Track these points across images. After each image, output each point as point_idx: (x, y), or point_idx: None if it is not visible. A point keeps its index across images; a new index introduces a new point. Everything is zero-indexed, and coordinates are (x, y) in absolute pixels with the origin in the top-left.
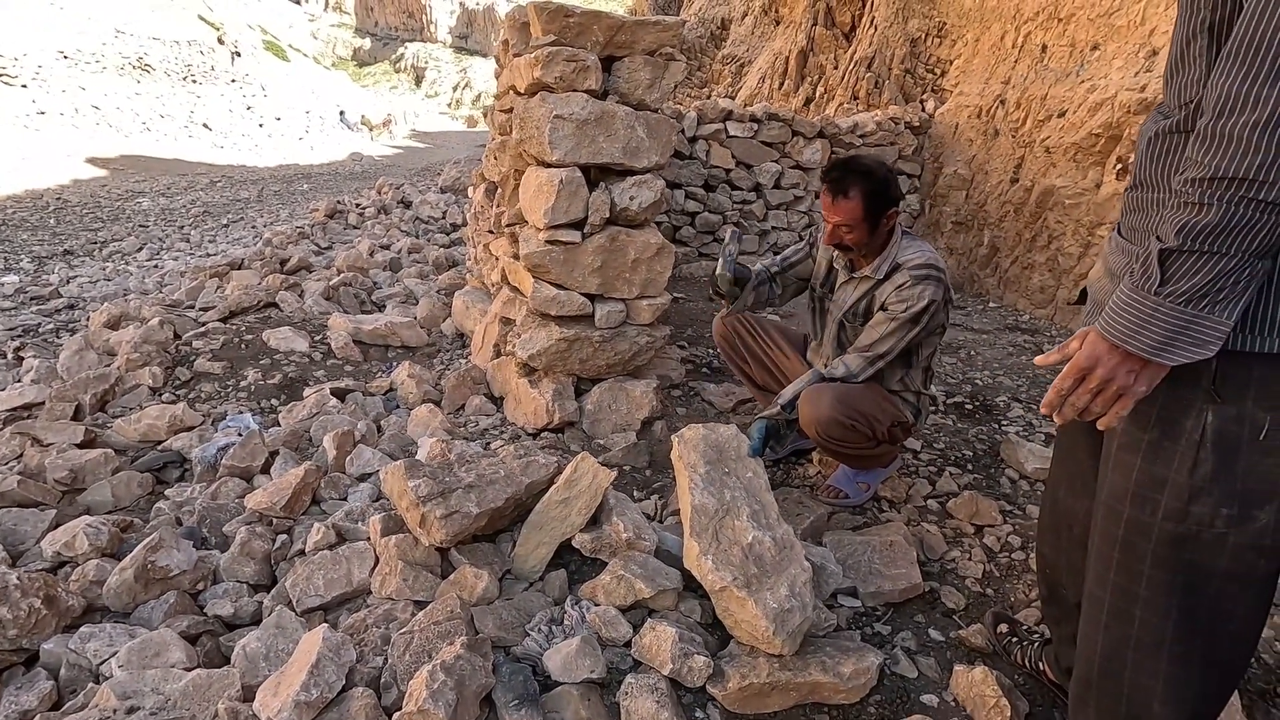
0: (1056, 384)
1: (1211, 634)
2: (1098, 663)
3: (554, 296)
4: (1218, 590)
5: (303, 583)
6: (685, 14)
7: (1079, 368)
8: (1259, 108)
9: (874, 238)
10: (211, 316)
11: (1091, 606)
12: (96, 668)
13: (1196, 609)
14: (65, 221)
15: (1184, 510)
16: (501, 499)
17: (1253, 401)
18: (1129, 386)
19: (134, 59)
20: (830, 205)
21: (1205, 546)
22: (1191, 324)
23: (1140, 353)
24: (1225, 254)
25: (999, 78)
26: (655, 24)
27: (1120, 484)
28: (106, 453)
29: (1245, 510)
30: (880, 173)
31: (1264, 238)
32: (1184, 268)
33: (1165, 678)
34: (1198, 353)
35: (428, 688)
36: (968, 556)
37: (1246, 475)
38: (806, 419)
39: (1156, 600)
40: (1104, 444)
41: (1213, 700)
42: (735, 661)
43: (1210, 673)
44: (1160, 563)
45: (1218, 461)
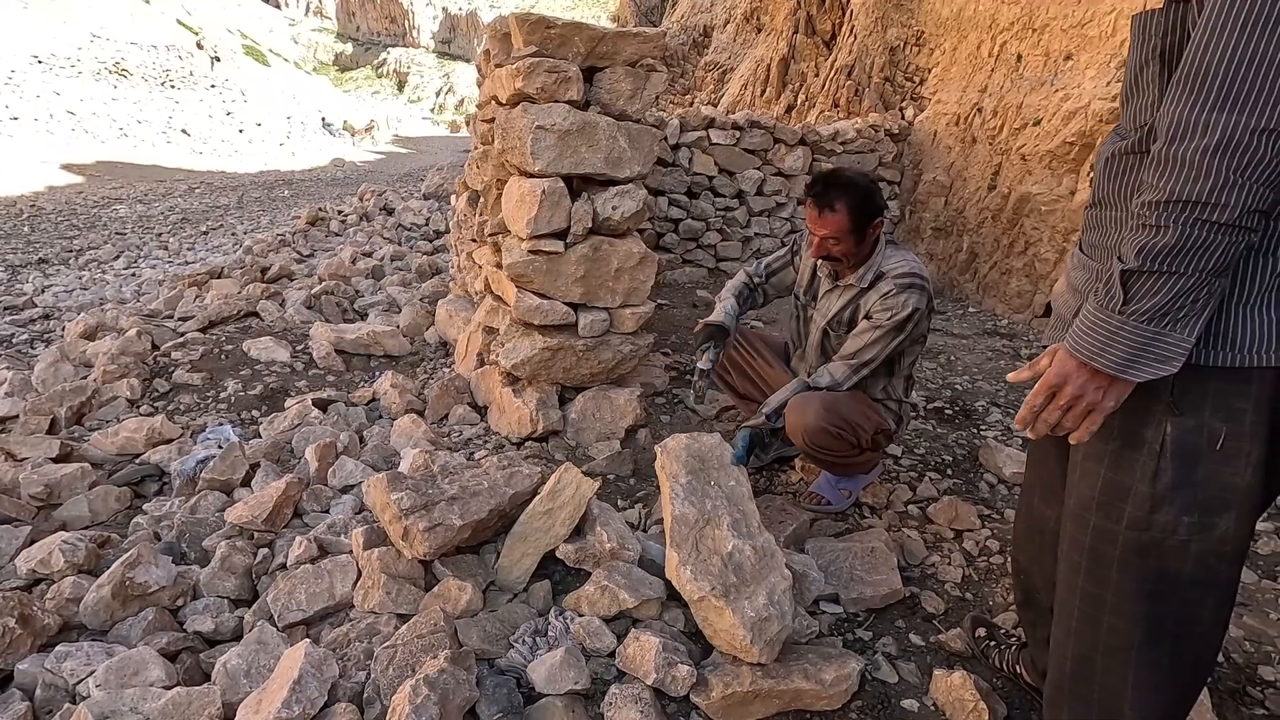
0: (1029, 401)
1: (1178, 638)
2: (1069, 667)
3: (537, 306)
4: (1183, 596)
5: (284, 597)
6: (668, 21)
7: (1049, 385)
8: (1208, 133)
9: (860, 248)
10: (191, 326)
11: (1062, 612)
12: (73, 687)
13: (1163, 614)
14: (40, 229)
15: (1147, 519)
16: (485, 510)
17: (1209, 413)
18: (1098, 403)
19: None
20: (816, 219)
21: (1169, 553)
22: (1155, 341)
23: (1107, 370)
24: (1183, 274)
25: (976, 86)
26: (636, 35)
27: (1087, 493)
28: (83, 466)
29: (1206, 518)
30: (864, 185)
31: (1219, 257)
32: (1145, 287)
33: (1134, 682)
34: (1162, 369)
35: (410, 703)
36: (947, 561)
37: (1206, 484)
38: (794, 427)
39: (1124, 606)
40: (1070, 454)
41: (1181, 702)
42: (718, 670)
43: (1178, 675)
44: (1126, 569)
45: (1178, 471)
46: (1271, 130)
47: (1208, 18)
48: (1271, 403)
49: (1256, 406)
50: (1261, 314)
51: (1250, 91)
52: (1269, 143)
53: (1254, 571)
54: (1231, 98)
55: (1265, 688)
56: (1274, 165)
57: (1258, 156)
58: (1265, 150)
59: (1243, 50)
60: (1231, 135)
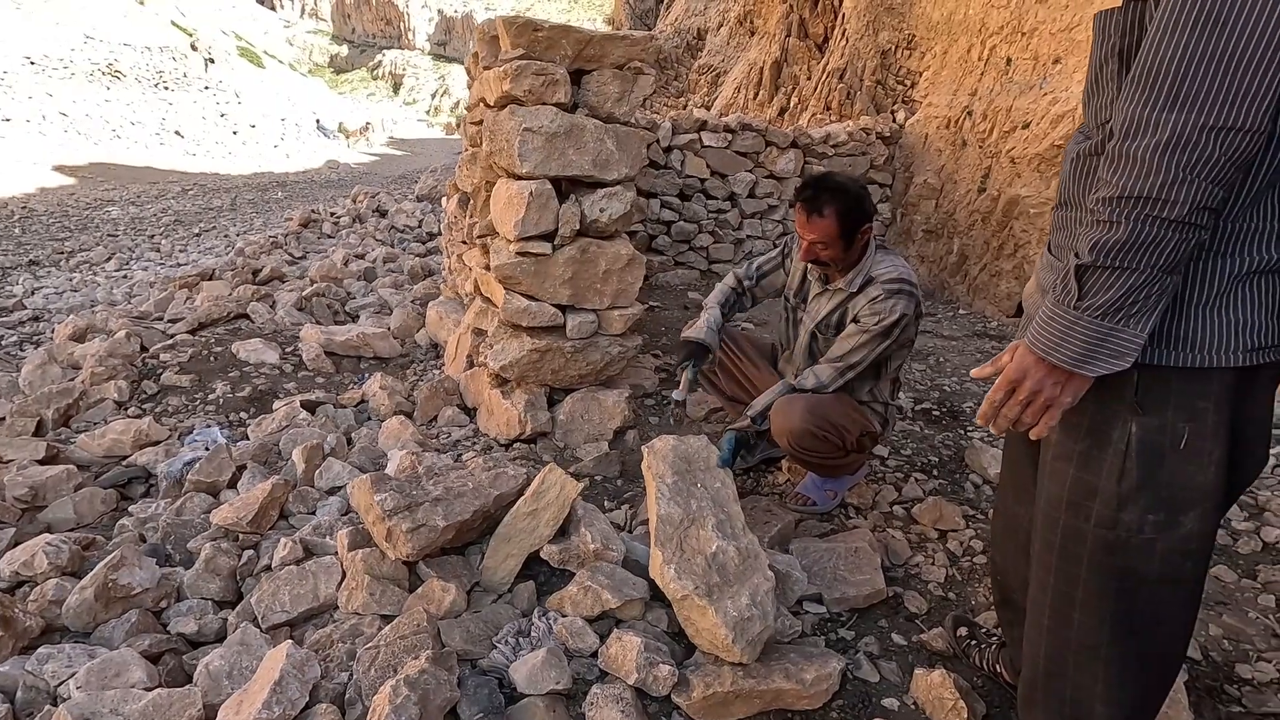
0: (989, 396)
1: (1146, 635)
2: (1042, 665)
3: (525, 308)
4: (1150, 593)
5: (268, 599)
6: (662, 24)
7: (1009, 380)
8: (1158, 131)
9: (849, 253)
10: (180, 328)
11: (1034, 611)
12: (54, 689)
13: (1131, 612)
14: (31, 231)
15: (1114, 517)
16: (469, 511)
17: (1172, 412)
18: (1056, 398)
19: (104, 65)
20: (805, 224)
21: (1136, 552)
22: (1109, 336)
23: (1063, 364)
24: (1135, 269)
25: (966, 89)
26: (624, 38)
27: (1056, 492)
28: (69, 469)
29: (1171, 516)
30: (853, 190)
31: (1170, 253)
32: (1099, 283)
33: (1104, 678)
34: (1115, 364)
35: (390, 703)
36: (931, 561)
37: (1170, 483)
38: (778, 429)
39: (1093, 604)
40: (1040, 454)
41: (1150, 699)
42: (700, 670)
43: (1147, 672)
44: (1095, 568)
45: (1143, 470)
46: (1220, 128)
47: (1160, 17)
48: (1231, 402)
49: (1217, 406)
50: (1219, 315)
51: (1200, 90)
52: (1218, 140)
53: (1234, 570)
54: (1182, 96)
55: (1242, 685)
56: (1222, 163)
57: (1207, 154)
58: (1214, 148)
59: (1193, 49)
60: (1181, 133)
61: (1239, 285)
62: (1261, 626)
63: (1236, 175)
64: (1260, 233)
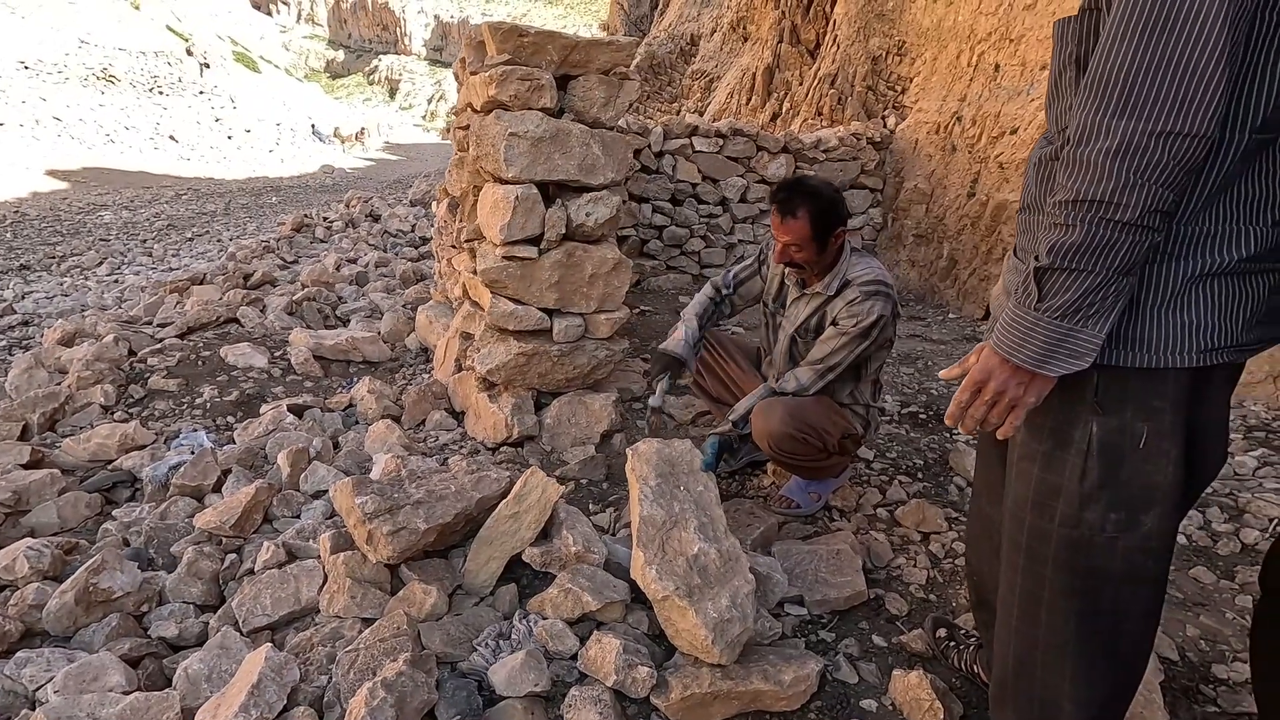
0: (956, 397)
1: (1112, 633)
2: (1011, 664)
3: (511, 311)
4: (1114, 592)
5: (249, 602)
6: (656, 29)
7: (975, 381)
8: (1110, 136)
9: (823, 256)
10: (169, 333)
11: (1004, 610)
12: (33, 694)
13: (1096, 610)
14: (22, 235)
15: (1077, 516)
16: (451, 514)
17: (1131, 413)
18: (1019, 398)
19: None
20: (779, 225)
21: (1099, 550)
22: (1068, 337)
23: (1025, 365)
24: (1091, 271)
25: (955, 95)
26: (609, 44)
27: (1022, 492)
28: (53, 473)
29: (1132, 515)
30: (827, 193)
31: (1124, 255)
32: (1057, 284)
33: (1072, 676)
34: (1075, 364)
35: (367, 706)
36: (913, 563)
37: (1130, 482)
38: (759, 432)
39: (1059, 602)
40: (1007, 455)
41: (1118, 696)
42: (679, 672)
43: (1113, 670)
44: (1060, 567)
45: (1103, 470)
46: (1167, 133)
47: (1110, 26)
48: (1188, 402)
49: (1174, 406)
50: (1174, 316)
51: (1148, 97)
52: (1165, 145)
53: (1212, 572)
54: (1131, 103)
55: (1218, 685)
56: (1170, 167)
57: (1155, 159)
58: (1162, 153)
59: (1141, 58)
60: (1130, 138)
61: (1192, 288)
62: (1238, 627)
63: (1186, 179)
64: (1212, 236)
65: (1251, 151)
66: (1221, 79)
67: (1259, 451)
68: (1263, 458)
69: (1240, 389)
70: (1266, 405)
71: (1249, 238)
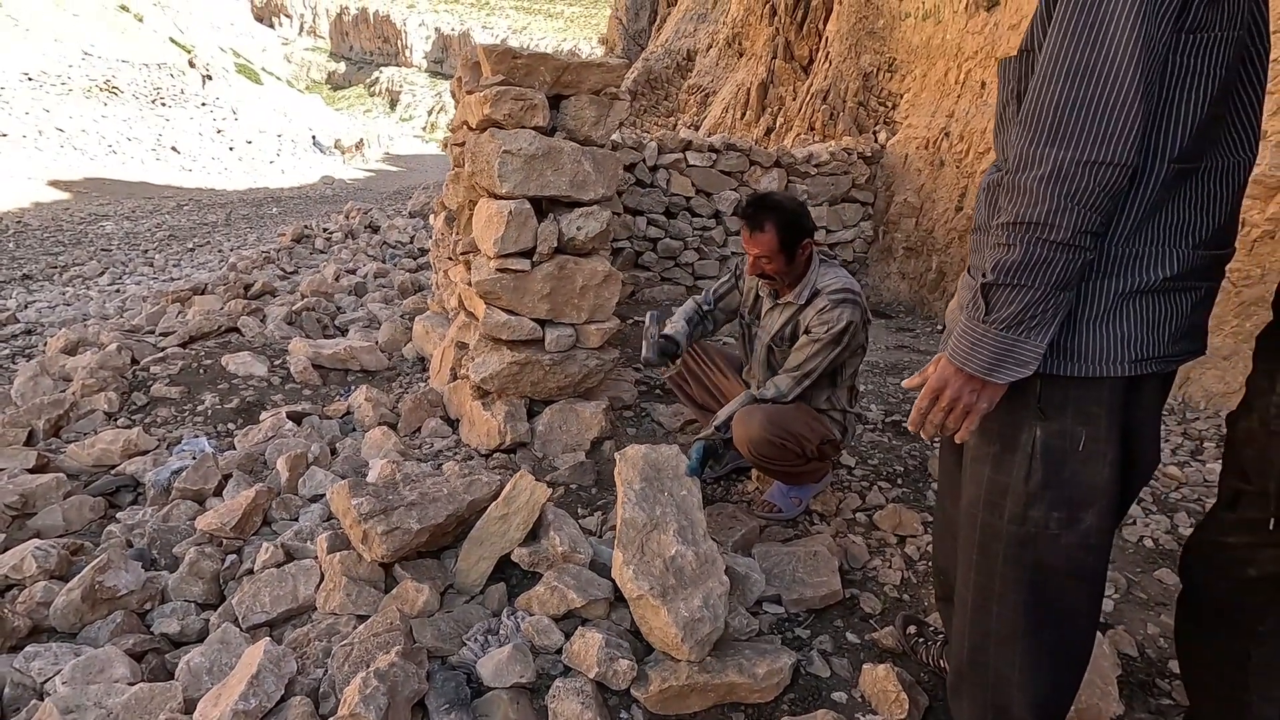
0: (917, 403)
1: (1057, 625)
2: (966, 655)
3: (505, 321)
4: (1059, 586)
5: (249, 600)
6: (653, 45)
7: (932, 389)
8: (1042, 164)
9: (792, 266)
10: (171, 341)
11: (960, 605)
12: (41, 686)
13: (1042, 603)
14: (25, 245)
15: (1023, 514)
16: (443, 516)
17: (1071, 418)
18: (973, 404)
19: (101, 81)
20: (748, 239)
21: (1043, 546)
22: (1013, 347)
23: (976, 373)
24: (1031, 286)
25: (944, 111)
26: (600, 65)
27: (974, 492)
28: (58, 477)
29: (1073, 513)
30: (791, 207)
31: (1060, 272)
32: (1001, 299)
33: (1021, 666)
34: (1020, 371)
35: (360, 693)
36: (888, 565)
37: (1071, 482)
38: (739, 438)
39: (1009, 596)
40: (962, 458)
41: (1064, 684)
42: (658, 665)
43: (1060, 661)
44: (1009, 561)
45: (1046, 470)
46: (1092, 162)
47: (1041, 66)
48: (1123, 409)
49: (1109, 411)
50: (1106, 329)
51: (1075, 130)
52: (1091, 173)
53: (1175, 574)
54: (1061, 134)
55: (1173, 680)
56: (1095, 192)
57: (1082, 185)
58: (1088, 179)
59: (1068, 97)
60: (1060, 166)
61: (1123, 303)
62: None
63: (1110, 204)
64: (1140, 257)
65: (1172, 181)
66: (1136, 115)
67: None
68: None
69: (1216, 398)
70: None
71: (1173, 259)
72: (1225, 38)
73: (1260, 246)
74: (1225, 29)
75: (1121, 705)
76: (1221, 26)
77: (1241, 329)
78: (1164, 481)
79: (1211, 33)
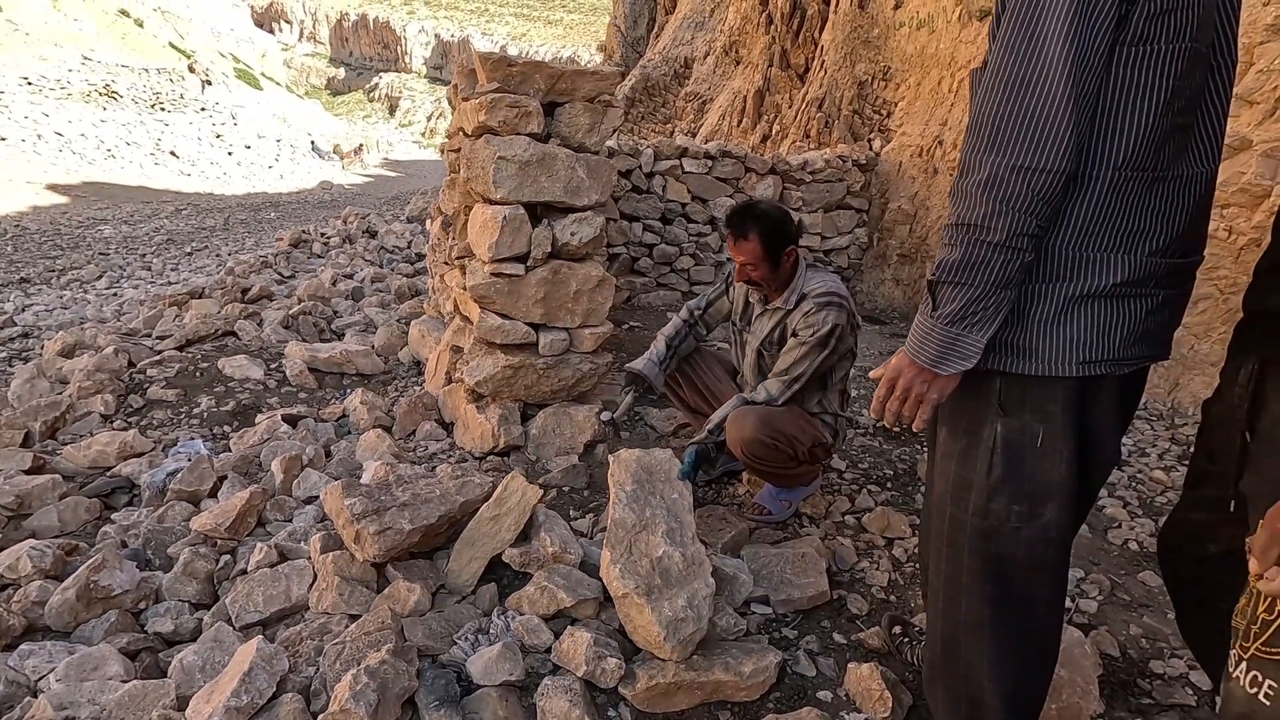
0: (876, 393)
1: (1022, 616)
2: (939, 646)
3: (499, 325)
4: (1022, 577)
5: (242, 599)
6: (651, 52)
7: (889, 379)
8: (980, 170)
9: (777, 273)
10: (168, 345)
11: (933, 597)
12: (35, 684)
13: (1006, 594)
14: (23, 249)
15: (986, 507)
16: (435, 516)
17: (1029, 415)
18: (924, 394)
19: (101, 86)
20: (734, 247)
21: (1005, 539)
22: (957, 341)
23: (925, 365)
24: (970, 284)
25: (937, 120)
26: (594, 74)
27: (943, 487)
28: (54, 478)
29: (1032, 507)
30: (775, 215)
31: (998, 272)
32: (944, 295)
33: (990, 657)
34: (963, 364)
35: (351, 690)
36: (876, 566)
37: (1030, 477)
38: (733, 439)
39: (975, 587)
40: (932, 454)
41: (1032, 674)
42: (646, 664)
43: (1027, 650)
44: (975, 553)
45: (1006, 465)
46: (1025, 168)
47: (985, 79)
48: (1078, 406)
49: (1064, 409)
50: (1058, 331)
51: (1009, 139)
52: (1024, 178)
53: (1158, 576)
54: (997, 142)
55: (1154, 680)
56: (1029, 197)
57: (1015, 190)
58: (1021, 185)
59: (1005, 107)
60: (995, 172)
61: (1073, 307)
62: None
63: (1045, 208)
64: (1090, 262)
65: (1123, 187)
66: (1068, 124)
67: None
68: None
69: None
70: None
71: (1125, 265)
72: (1171, 50)
73: (1247, 254)
74: (1171, 42)
75: (1102, 704)
76: (1167, 40)
77: (1228, 336)
78: (1150, 485)
79: (1155, 45)
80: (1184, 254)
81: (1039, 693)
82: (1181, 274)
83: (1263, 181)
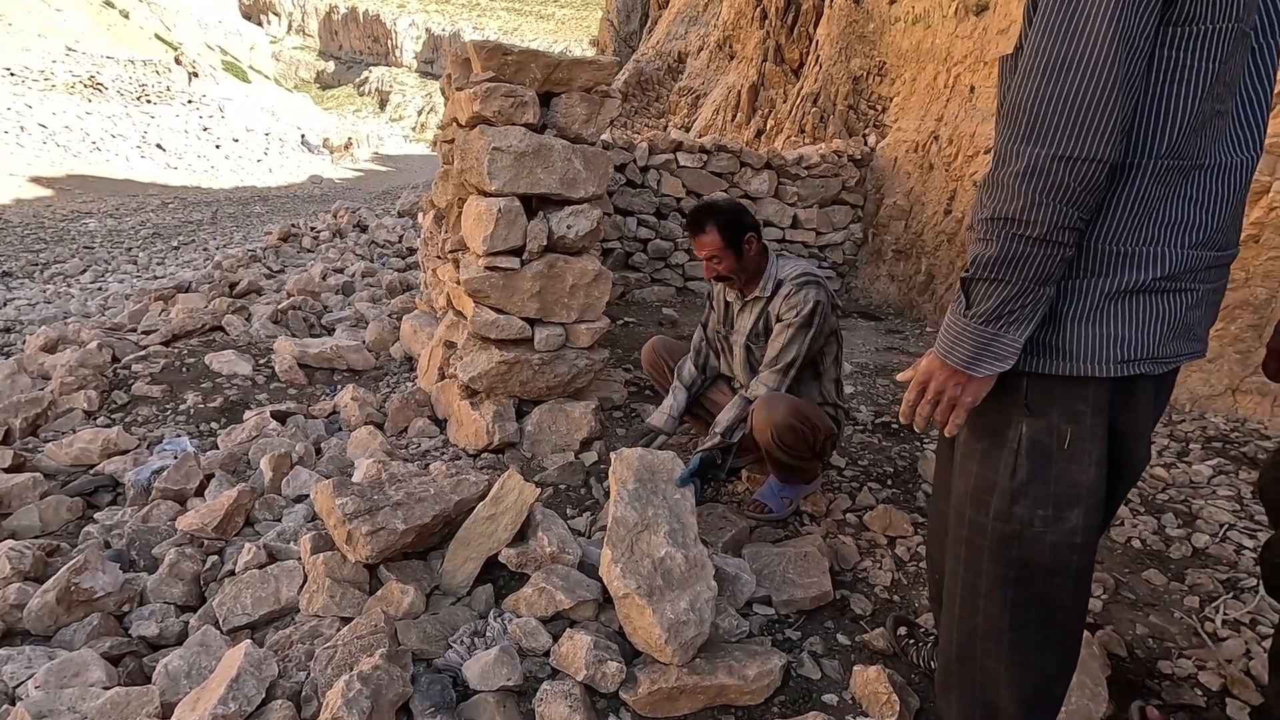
0: (906, 396)
1: (1042, 623)
2: (955, 651)
3: (493, 320)
4: (1043, 583)
5: (230, 602)
6: (645, 46)
7: (919, 382)
8: (1019, 160)
9: (743, 262)
10: (153, 340)
11: (949, 601)
12: (13, 690)
13: (1027, 600)
14: (5, 242)
15: (1009, 511)
16: (429, 516)
17: (1057, 416)
18: (957, 397)
19: (85, 78)
20: (695, 243)
21: (1028, 544)
22: (992, 341)
23: (958, 367)
24: (1008, 281)
25: (933, 115)
26: (591, 63)
27: (963, 489)
28: (35, 477)
29: (1058, 511)
30: (729, 207)
31: (1037, 267)
32: (980, 293)
33: (1008, 663)
34: (1000, 365)
35: (343, 696)
36: (879, 566)
37: (1057, 480)
38: (761, 424)
39: (994, 592)
40: (953, 455)
41: (1052, 682)
42: (647, 667)
43: (1047, 658)
44: (995, 558)
45: (1032, 468)
46: (1068, 157)
47: (1022, 65)
48: (1109, 408)
49: (1095, 411)
50: (1093, 329)
51: (1051, 126)
52: (1068, 169)
53: (1164, 574)
54: (1036, 131)
55: (1162, 680)
56: (1072, 188)
57: (1059, 180)
58: (1064, 175)
59: (1045, 93)
60: (1035, 162)
61: (1110, 303)
62: (1185, 626)
63: (1089, 199)
64: (1131, 255)
65: (1169, 177)
66: (1114, 110)
67: (1215, 461)
68: (1218, 467)
69: (1202, 400)
70: (1225, 417)
71: (1167, 258)
72: (1218, 30)
73: (1244, 250)
74: (1217, 21)
75: (1111, 705)
76: (1213, 19)
77: (1226, 332)
78: (1151, 483)
79: (1201, 25)
80: (1223, 246)
81: (1056, 701)
82: (1221, 267)
83: (1261, 177)
